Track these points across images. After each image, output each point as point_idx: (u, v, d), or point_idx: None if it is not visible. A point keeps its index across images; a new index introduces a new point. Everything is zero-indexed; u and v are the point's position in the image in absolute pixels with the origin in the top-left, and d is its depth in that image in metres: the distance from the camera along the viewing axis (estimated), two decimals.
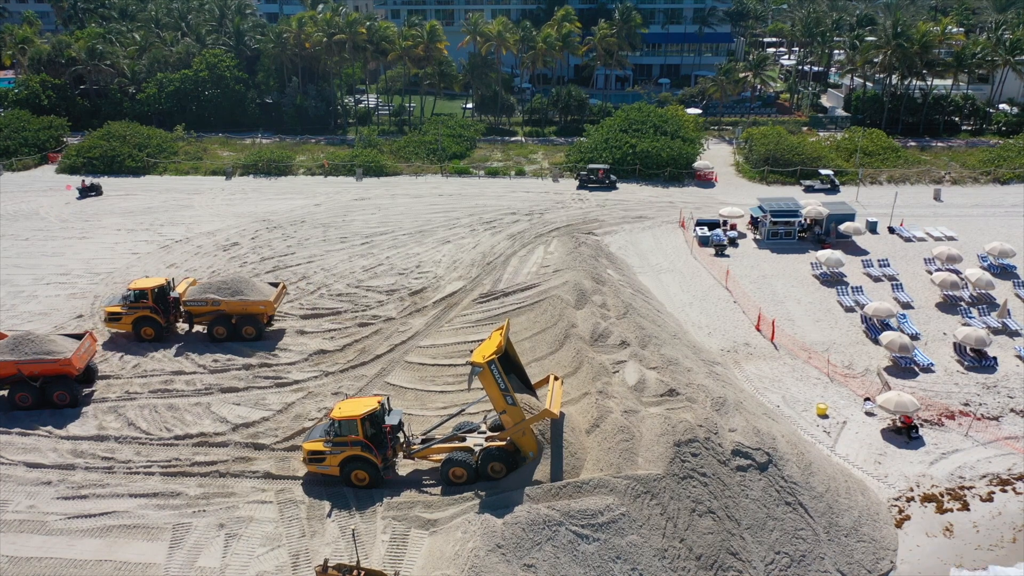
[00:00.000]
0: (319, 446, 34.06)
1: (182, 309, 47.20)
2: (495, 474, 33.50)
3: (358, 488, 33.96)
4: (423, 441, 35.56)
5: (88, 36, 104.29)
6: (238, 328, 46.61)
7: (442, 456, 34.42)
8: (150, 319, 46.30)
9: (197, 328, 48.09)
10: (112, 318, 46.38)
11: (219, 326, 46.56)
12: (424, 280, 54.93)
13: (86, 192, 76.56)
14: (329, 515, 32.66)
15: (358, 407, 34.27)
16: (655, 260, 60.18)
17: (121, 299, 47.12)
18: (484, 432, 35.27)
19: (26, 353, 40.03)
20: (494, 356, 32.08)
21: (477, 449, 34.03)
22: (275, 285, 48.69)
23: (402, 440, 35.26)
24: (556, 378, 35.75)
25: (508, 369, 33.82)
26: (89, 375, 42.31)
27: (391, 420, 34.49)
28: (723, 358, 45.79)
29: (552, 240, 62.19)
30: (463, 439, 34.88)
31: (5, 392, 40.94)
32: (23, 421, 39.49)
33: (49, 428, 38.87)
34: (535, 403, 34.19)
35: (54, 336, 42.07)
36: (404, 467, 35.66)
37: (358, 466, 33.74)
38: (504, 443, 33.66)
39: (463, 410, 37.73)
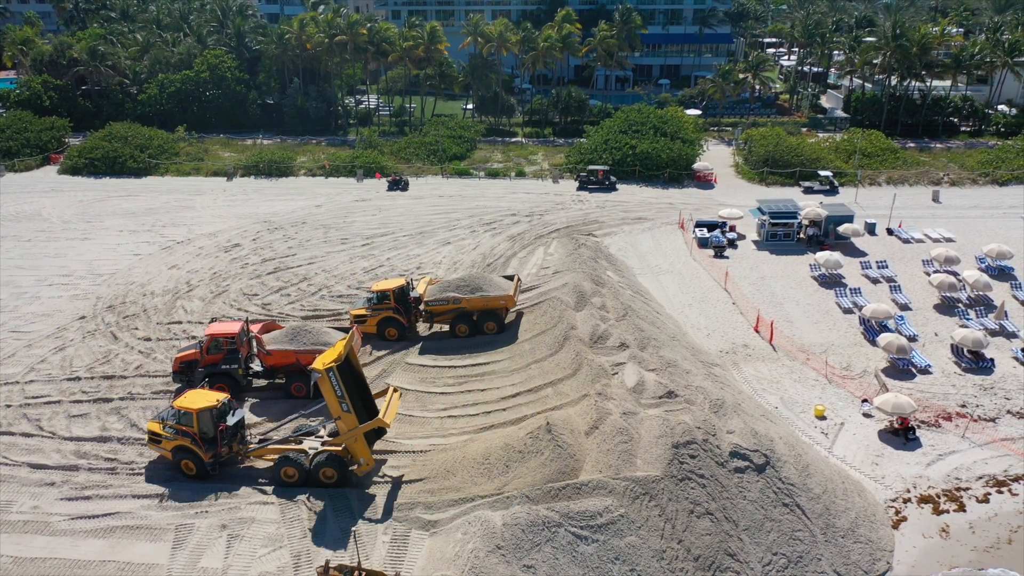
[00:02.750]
0: (158, 428, 35.36)
1: (423, 309, 47.42)
2: (326, 479, 34.48)
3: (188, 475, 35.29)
4: (260, 442, 36.65)
5: (90, 37, 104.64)
6: (479, 324, 46.87)
7: (276, 456, 35.30)
8: (393, 320, 46.62)
9: (437, 327, 48.32)
10: (358, 320, 46.88)
11: (461, 324, 46.77)
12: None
13: (393, 185, 78.43)
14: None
15: (199, 400, 35.29)
16: (654, 261, 60.44)
17: (364, 302, 47.96)
18: (322, 437, 36.07)
19: (304, 343, 40.75)
20: (333, 364, 33.17)
21: (311, 452, 34.94)
22: (509, 279, 48.84)
23: (240, 439, 36.31)
24: (395, 390, 36.90)
25: (350, 378, 34.97)
26: None
27: (231, 420, 35.52)
28: (722, 360, 46.05)
29: (552, 241, 62.49)
30: (300, 441, 35.85)
31: (281, 381, 41.86)
32: (28, 422, 39.78)
33: (53, 430, 39.17)
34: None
35: (326, 328, 42.73)
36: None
37: (187, 456, 34.91)
38: (339, 449, 34.44)
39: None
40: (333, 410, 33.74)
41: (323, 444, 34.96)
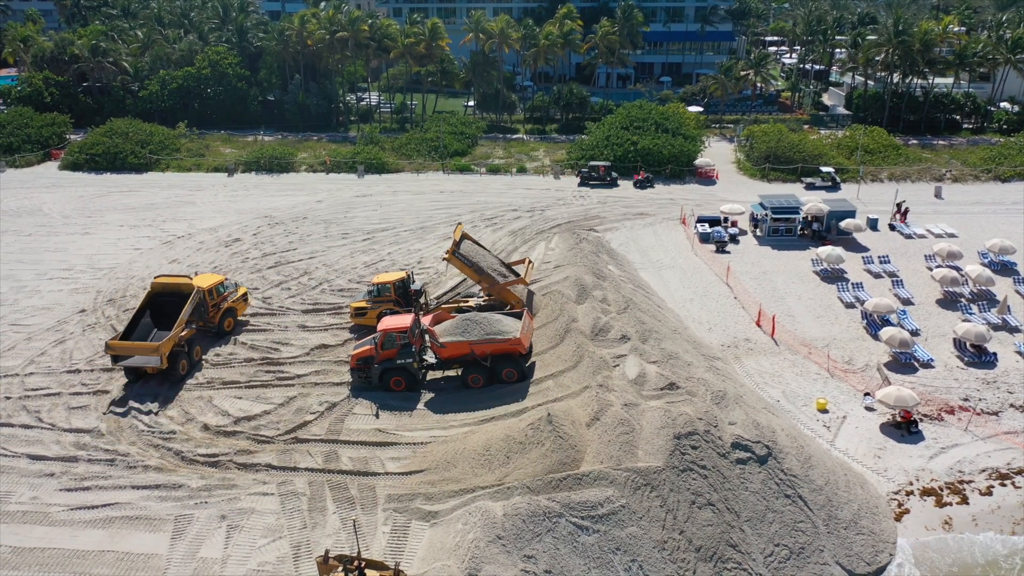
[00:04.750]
0: None
1: (449, 253, 46.87)
2: None
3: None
4: None
5: (91, 34, 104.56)
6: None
7: None
8: (393, 312, 46.23)
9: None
10: (358, 313, 46.74)
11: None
12: (426, 276, 55.05)
13: (642, 183, 76.97)
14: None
15: None
16: (656, 256, 60.27)
17: (365, 295, 47.88)
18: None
19: (477, 334, 40.33)
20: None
21: None
22: (516, 274, 48.25)
23: None
24: None
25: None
26: (528, 352, 42.36)
27: None
28: (723, 353, 45.90)
29: (553, 236, 62.30)
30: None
31: (457, 372, 41.42)
32: (27, 414, 39.69)
33: (52, 421, 39.08)
34: None
35: (498, 316, 42.06)
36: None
37: None
38: None
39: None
40: None
41: None
